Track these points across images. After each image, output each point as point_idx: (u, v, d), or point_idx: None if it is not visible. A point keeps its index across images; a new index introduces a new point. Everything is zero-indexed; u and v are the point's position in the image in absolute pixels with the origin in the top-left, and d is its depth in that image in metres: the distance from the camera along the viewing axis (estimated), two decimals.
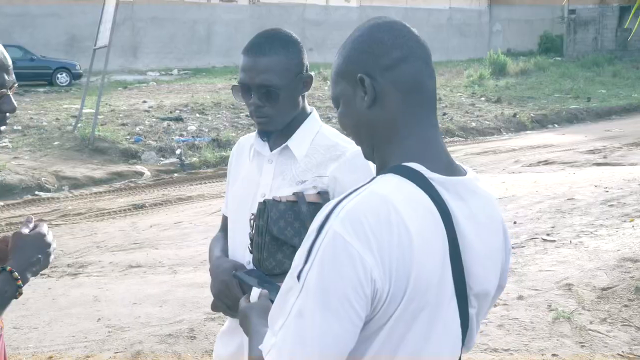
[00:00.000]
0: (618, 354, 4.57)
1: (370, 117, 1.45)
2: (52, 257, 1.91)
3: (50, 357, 4.60)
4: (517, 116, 19.63)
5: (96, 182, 11.92)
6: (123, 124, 15.81)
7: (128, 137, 14.43)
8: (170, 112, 17.68)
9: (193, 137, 14.85)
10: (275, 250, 1.97)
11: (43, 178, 11.50)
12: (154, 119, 16.59)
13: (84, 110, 15.82)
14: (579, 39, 38.62)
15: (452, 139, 17.06)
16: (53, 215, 9.56)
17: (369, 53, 1.44)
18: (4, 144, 13.90)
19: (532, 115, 19.95)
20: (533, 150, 15.03)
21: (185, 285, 6.00)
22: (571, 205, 8.75)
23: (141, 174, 12.51)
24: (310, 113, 2.17)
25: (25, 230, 1.90)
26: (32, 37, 31.18)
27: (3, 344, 2.02)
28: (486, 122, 18.86)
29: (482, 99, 22.66)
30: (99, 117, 14.94)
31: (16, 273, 1.77)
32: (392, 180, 1.37)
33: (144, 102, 20.01)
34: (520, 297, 5.46)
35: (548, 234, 7.37)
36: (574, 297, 5.50)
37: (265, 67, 2.03)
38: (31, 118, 16.68)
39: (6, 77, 1.85)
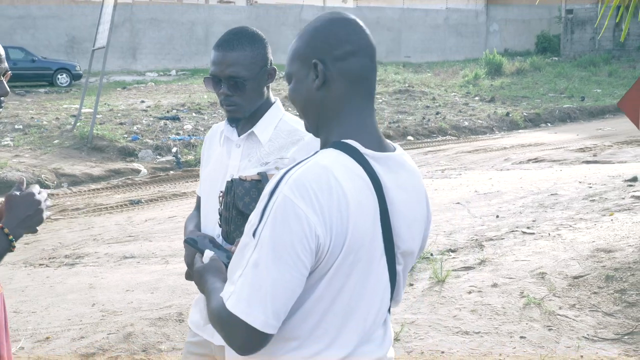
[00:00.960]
0: (583, 337, 4.79)
1: (317, 97, 1.72)
2: (45, 213, 2.13)
3: (48, 337, 4.88)
4: (510, 115, 19.80)
5: (94, 179, 12.22)
6: (121, 123, 16.11)
7: (126, 135, 14.72)
8: (168, 112, 17.97)
9: (189, 135, 15.13)
10: (241, 224, 2.23)
11: (43, 175, 11.79)
12: (152, 118, 16.89)
13: (83, 110, 16.12)
14: (576, 38, 38.70)
15: (444, 138, 17.30)
16: (52, 210, 9.85)
17: (325, 43, 1.70)
18: (5, 143, 14.21)
19: (525, 114, 20.12)
20: (524, 148, 15.18)
21: (175, 274, 6.28)
22: (554, 200, 8.96)
23: (138, 171, 12.81)
24: (274, 102, 2.46)
25: (17, 192, 2.12)
26: (34, 38, 31.46)
27: (3, 303, 2.29)
28: (479, 121, 19.09)
29: (476, 98, 22.89)
30: (97, 116, 15.24)
31: (7, 229, 2.03)
32: (332, 154, 1.65)
33: (142, 102, 20.31)
34: (494, 285, 5.69)
35: (528, 227, 7.60)
36: (546, 284, 5.69)
37: (234, 60, 2.31)
38: (32, 117, 17.00)
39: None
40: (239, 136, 2.43)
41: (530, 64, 30.60)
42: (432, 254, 6.47)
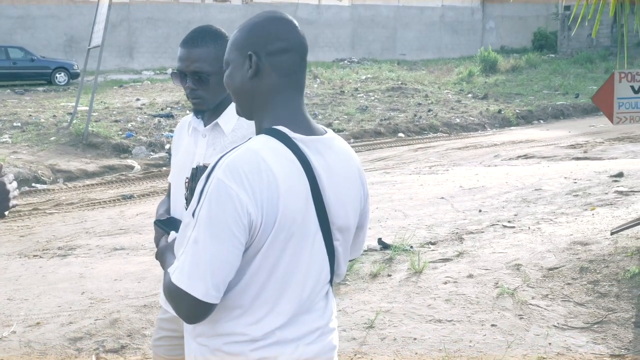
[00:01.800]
0: (553, 325, 4.93)
1: (249, 86, 1.91)
2: (11, 202, 2.36)
3: (38, 323, 5.09)
4: (502, 112, 19.88)
5: (89, 175, 12.42)
6: (116, 121, 16.32)
7: (120, 132, 14.93)
8: (162, 109, 18.17)
9: None
10: None
11: (39, 171, 12.00)
12: (146, 116, 17.10)
13: (79, 108, 16.32)
14: (574, 35, 38.74)
15: (435, 135, 17.43)
16: (47, 205, 10.06)
17: (261, 38, 1.89)
18: (3, 140, 14.43)
19: (517, 111, 20.20)
20: (514, 145, 15.21)
21: None
22: (537, 195, 9.05)
23: (131, 167, 13.02)
24: None
25: None
26: (33, 38, 31.65)
27: None
28: (470, 118, 19.23)
29: (469, 95, 23.02)
30: (93, 114, 15.45)
31: None
32: (262, 139, 1.84)
33: (137, 99, 20.50)
34: (470, 276, 5.84)
35: (509, 221, 7.73)
36: (521, 276, 5.78)
37: (198, 57, 2.52)
38: (30, 115, 17.23)
39: None
40: (204, 127, 2.63)
41: (525, 61, 30.59)
42: (411, 247, 6.65)
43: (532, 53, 34.36)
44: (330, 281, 2.00)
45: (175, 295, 1.76)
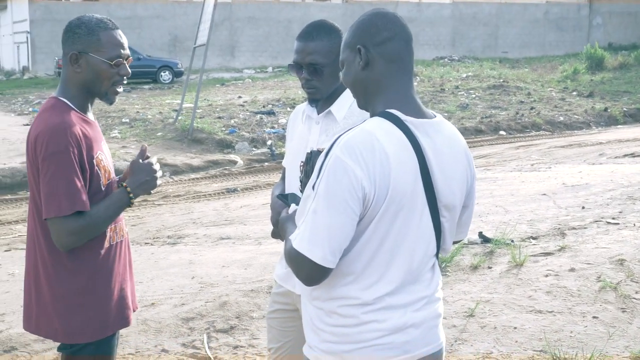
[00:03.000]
0: None
1: (362, 76, 2.10)
2: (158, 180, 2.68)
3: (153, 303, 5.41)
4: (609, 110, 19.39)
5: (194, 169, 12.91)
6: (219, 117, 16.84)
7: (223, 129, 15.40)
8: (263, 107, 18.59)
9: (283, 129, 15.66)
10: None
11: None
12: (248, 113, 17.57)
13: (184, 105, 16.94)
14: None
15: (538, 133, 17.17)
16: (156, 196, 10.53)
17: (366, 32, 2.08)
18: (113, 135, 15.17)
19: (624, 109, 19.65)
20: (621, 143, 14.80)
21: (268, 253, 6.72)
22: None
23: (235, 162, 13.42)
24: None
25: (139, 160, 2.66)
26: (140, 37, 32.94)
27: (128, 244, 2.78)
28: (575, 116, 18.82)
29: (574, 93, 22.50)
30: (197, 111, 16.00)
31: (129, 189, 2.52)
32: (376, 121, 2.02)
33: (239, 97, 21.07)
34: (571, 270, 5.80)
35: (613, 218, 7.61)
36: (624, 270, 5.73)
37: (313, 49, 2.70)
38: (137, 112, 18.05)
39: (122, 51, 2.55)
40: (318, 114, 2.80)
41: (634, 58, 29.50)
42: (512, 241, 6.66)
43: None
44: (437, 255, 2.14)
45: (296, 259, 1.95)
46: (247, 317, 5.09)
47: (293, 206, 2.32)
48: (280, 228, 2.28)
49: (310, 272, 1.94)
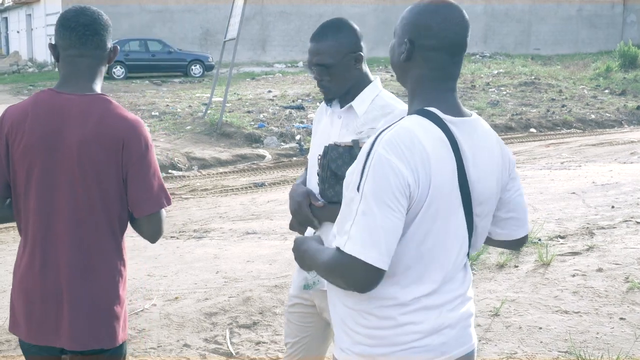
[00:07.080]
0: None
1: (403, 67, 2.09)
2: None
3: (177, 297, 5.44)
4: None
5: (222, 163, 12.96)
6: (248, 112, 16.89)
7: (252, 123, 15.43)
8: (293, 101, 18.62)
9: (312, 124, 15.67)
10: (334, 183, 2.61)
11: (176, 158, 12.63)
12: (277, 107, 17.59)
13: (213, 99, 16.99)
14: None
15: (569, 131, 16.96)
16: (183, 190, 10.61)
17: (419, 28, 2.02)
18: None
19: None
20: None
21: None
22: None
23: (263, 156, 13.44)
24: (373, 80, 2.81)
25: None
26: (171, 31, 33.12)
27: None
28: (607, 114, 18.56)
29: (606, 91, 22.19)
30: (227, 105, 16.04)
31: None
32: (414, 118, 1.99)
33: (269, 91, 21.11)
34: (599, 270, 5.74)
35: None
36: None
37: (320, 50, 2.73)
38: (167, 105, 18.15)
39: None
40: (340, 109, 2.79)
41: None
42: (539, 239, 6.59)
43: None
44: (468, 254, 2.12)
45: (348, 265, 1.87)
46: (270, 313, 5.10)
47: (310, 230, 2.32)
48: (299, 248, 2.18)
49: (366, 276, 1.86)
